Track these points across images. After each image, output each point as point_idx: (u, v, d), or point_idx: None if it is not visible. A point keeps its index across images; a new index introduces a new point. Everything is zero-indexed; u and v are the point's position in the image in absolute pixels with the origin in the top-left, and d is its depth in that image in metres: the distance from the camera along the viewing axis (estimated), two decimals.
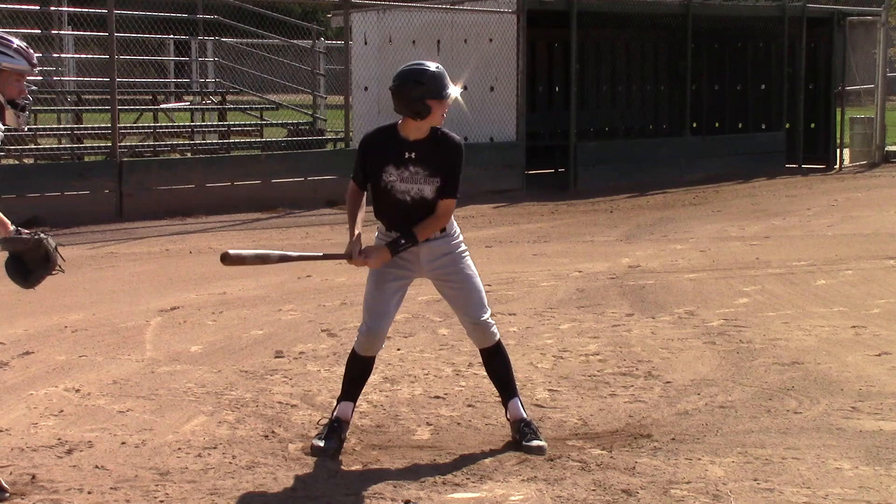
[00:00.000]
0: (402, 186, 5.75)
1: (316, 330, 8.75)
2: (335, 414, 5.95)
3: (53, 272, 5.36)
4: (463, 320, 5.97)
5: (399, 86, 5.68)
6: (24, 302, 9.85)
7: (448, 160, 5.76)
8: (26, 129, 5.50)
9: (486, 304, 5.95)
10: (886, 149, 26.48)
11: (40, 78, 19.18)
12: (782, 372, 7.36)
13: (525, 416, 5.98)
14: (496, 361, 6.00)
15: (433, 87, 5.65)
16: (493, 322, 5.98)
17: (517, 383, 6.01)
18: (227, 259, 5.71)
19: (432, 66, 5.72)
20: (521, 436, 5.89)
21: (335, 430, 5.89)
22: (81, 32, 19.70)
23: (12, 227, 5.32)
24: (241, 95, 22.85)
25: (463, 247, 5.96)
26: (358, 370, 5.99)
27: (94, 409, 6.58)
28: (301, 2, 26.95)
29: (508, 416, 6.00)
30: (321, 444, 5.82)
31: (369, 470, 5.58)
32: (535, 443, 5.85)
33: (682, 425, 6.25)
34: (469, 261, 5.95)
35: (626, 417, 6.43)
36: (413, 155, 5.73)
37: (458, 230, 5.99)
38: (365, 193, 5.88)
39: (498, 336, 5.99)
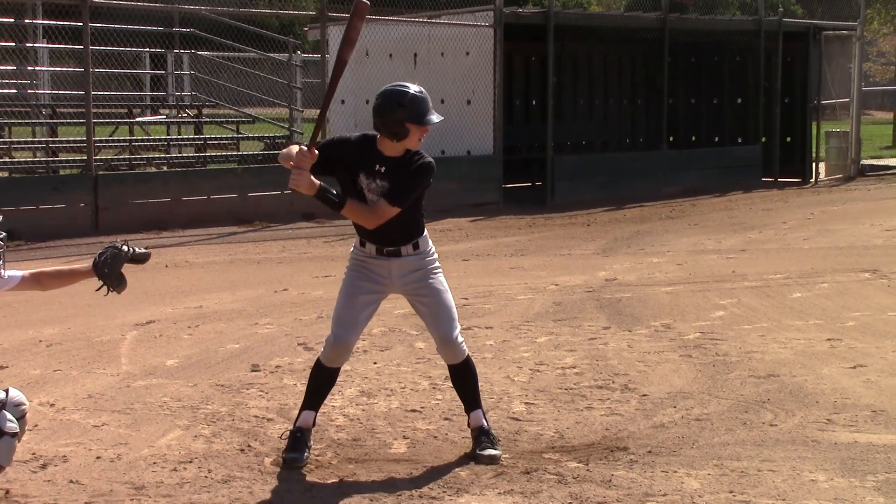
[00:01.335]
0: (369, 195, 5.73)
1: (292, 344, 8.73)
2: (297, 424, 5.95)
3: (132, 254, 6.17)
4: (433, 336, 5.97)
5: (380, 105, 5.65)
6: None
7: (408, 172, 5.69)
8: (6, 275, 5.45)
9: (457, 320, 5.93)
10: (862, 162, 26.67)
11: (15, 91, 19.15)
12: (758, 384, 7.38)
13: (485, 425, 5.99)
14: (464, 378, 6.00)
15: (413, 110, 5.61)
16: (463, 339, 5.96)
17: (494, 397, 5.98)
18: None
19: (415, 88, 5.67)
20: (477, 444, 5.92)
21: (299, 440, 5.89)
22: (56, 45, 19.65)
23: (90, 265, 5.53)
24: (217, 109, 22.81)
25: (436, 263, 5.94)
26: (322, 381, 5.97)
27: (68, 423, 6.54)
28: (278, 15, 26.94)
29: (469, 424, 6.02)
30: (289, 456, 5.82)
31: (345, 483, 5.57)
32: (488, 452, 5.86)
33: (659, 438, 6.26)
34: (441, 277, 5.93)
35: (602, 430, 6.43)
36: (382, 169, 5.71)
37: (432, 247, 5.97)
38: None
39: (467, 353, 5.98)
